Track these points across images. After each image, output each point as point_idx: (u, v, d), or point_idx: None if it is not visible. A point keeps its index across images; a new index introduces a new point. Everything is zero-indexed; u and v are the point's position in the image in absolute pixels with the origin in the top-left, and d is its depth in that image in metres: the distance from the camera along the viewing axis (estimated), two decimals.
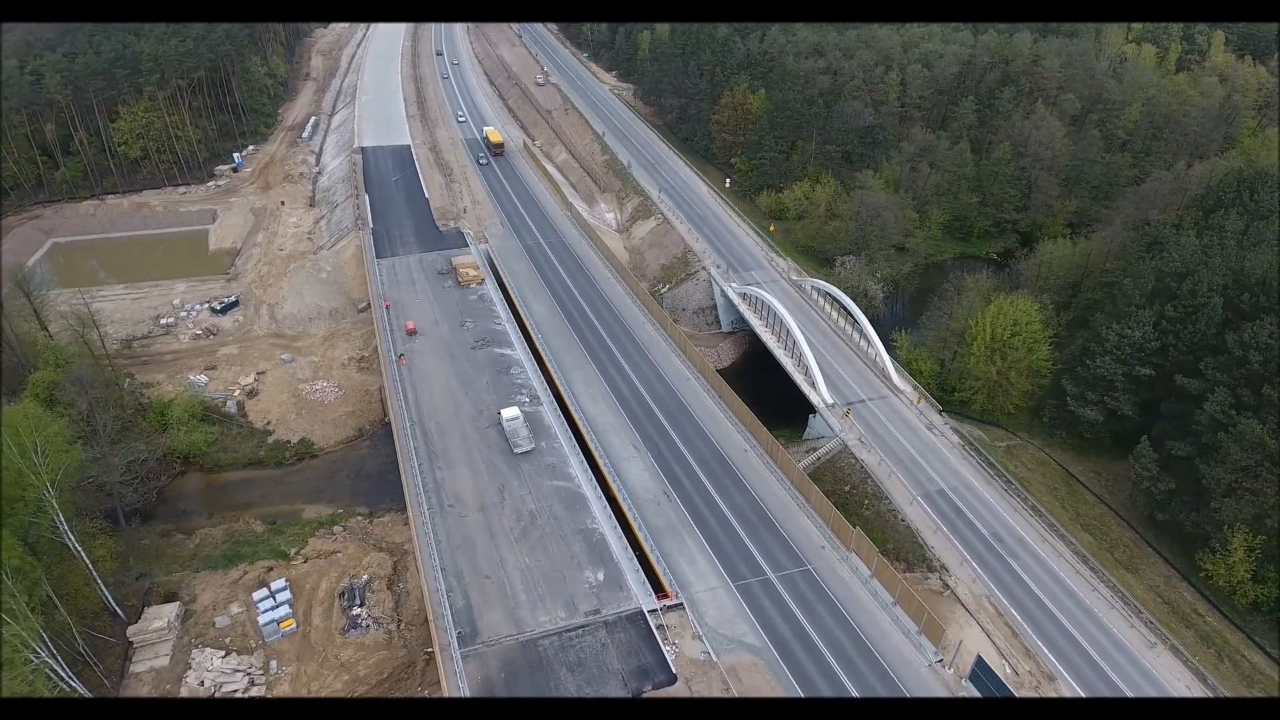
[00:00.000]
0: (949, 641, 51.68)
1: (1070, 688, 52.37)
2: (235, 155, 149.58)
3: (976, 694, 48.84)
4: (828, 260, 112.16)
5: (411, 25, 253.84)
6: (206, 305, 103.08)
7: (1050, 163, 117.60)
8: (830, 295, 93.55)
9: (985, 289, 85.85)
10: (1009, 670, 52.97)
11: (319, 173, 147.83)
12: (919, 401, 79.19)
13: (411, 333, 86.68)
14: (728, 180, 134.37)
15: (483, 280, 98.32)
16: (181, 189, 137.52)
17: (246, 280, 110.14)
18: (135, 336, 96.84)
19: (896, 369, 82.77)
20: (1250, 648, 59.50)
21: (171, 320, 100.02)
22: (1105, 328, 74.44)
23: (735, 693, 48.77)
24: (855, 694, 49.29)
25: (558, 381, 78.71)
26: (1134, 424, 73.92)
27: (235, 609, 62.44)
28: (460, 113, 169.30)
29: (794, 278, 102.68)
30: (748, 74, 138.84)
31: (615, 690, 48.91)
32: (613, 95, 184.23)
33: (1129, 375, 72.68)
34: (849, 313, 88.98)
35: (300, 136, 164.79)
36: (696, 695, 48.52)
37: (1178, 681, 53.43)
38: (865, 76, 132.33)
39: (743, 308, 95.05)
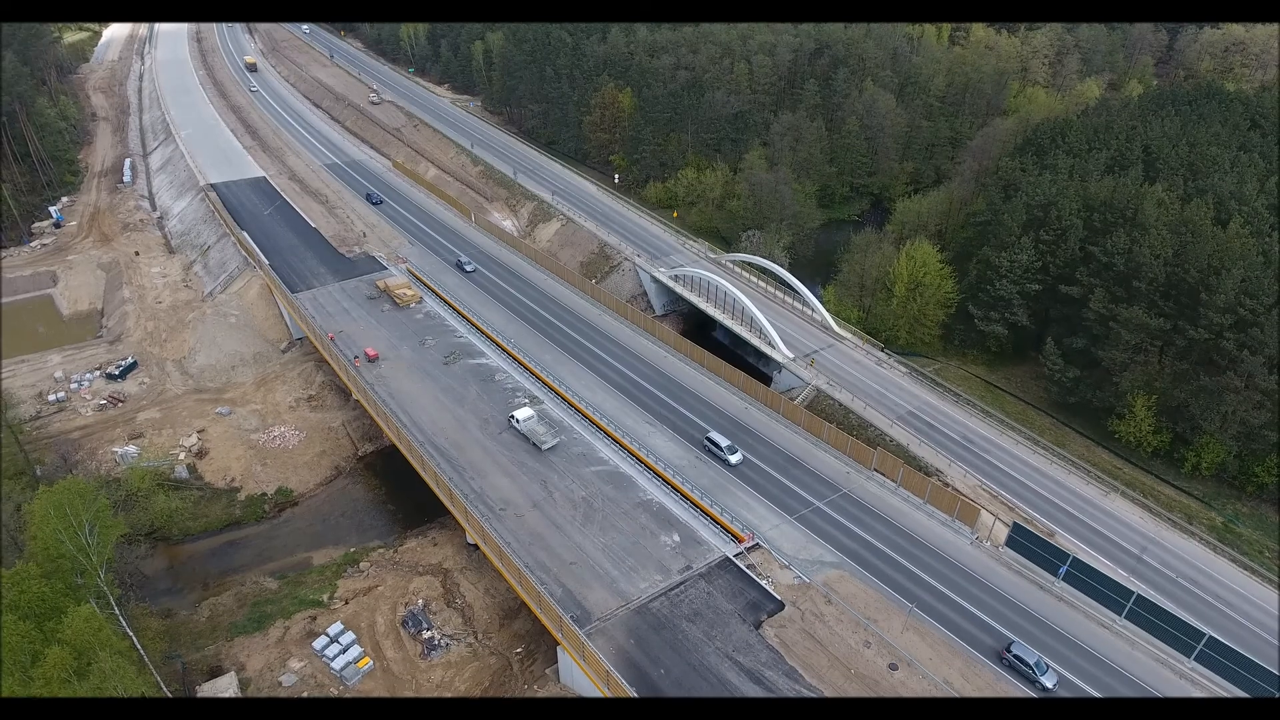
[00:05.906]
0: (982, 523, 61.83)
1: (1066, 539, 64.45)
2: (52, 210, 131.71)
3: (1018, 557, 59.15)
4: (726, 238, 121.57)
5: (199, 51, 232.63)
6: (99, 372, 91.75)
7: (890, 132, 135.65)
8: (754, 266, 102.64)
9: (894, 242, 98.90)
10: None
11: (161, 217, 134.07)
12: (863, 344, 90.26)
13: (374, 359, 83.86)
14: (616, 176, 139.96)
15: (421, 299, 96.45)
16: (1, 254, 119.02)
17: (134, 339, 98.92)
18: (24, 419, 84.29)
19: (836, 320, 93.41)
20: (1160, 484, 75.86)
21: (62, 395, 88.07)
22: (995, 257, 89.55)
23: (836, 602, 55.33)
24: (926, 579, 57.75)
25: (547, 379, 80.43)
26: (1031, 333, 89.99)
27: (296, 664, 58.96)
28: (311, 138, 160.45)
29: (711, 256, 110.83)
30: (609, 74, 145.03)
31: (737, 626, 53.51)
32: (457, 108, 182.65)
33: (1022, 292, 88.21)
34: (778, 279, 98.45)
35: (120, 181, 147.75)
36: (807, 615, 54.49)
37: (1131, 515, 67.70)
38: (716, 69, 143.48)
39: (680, 289, 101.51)
